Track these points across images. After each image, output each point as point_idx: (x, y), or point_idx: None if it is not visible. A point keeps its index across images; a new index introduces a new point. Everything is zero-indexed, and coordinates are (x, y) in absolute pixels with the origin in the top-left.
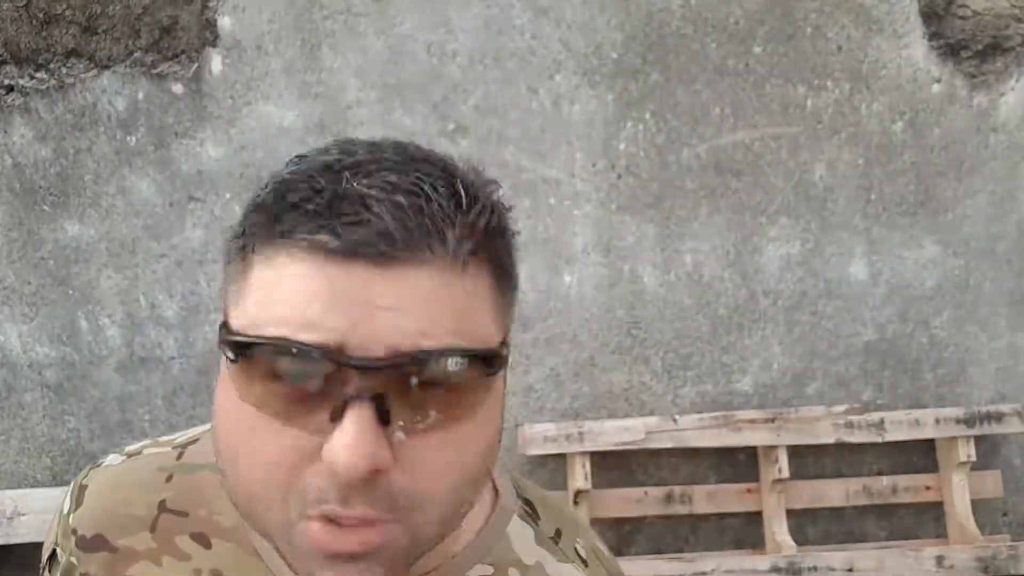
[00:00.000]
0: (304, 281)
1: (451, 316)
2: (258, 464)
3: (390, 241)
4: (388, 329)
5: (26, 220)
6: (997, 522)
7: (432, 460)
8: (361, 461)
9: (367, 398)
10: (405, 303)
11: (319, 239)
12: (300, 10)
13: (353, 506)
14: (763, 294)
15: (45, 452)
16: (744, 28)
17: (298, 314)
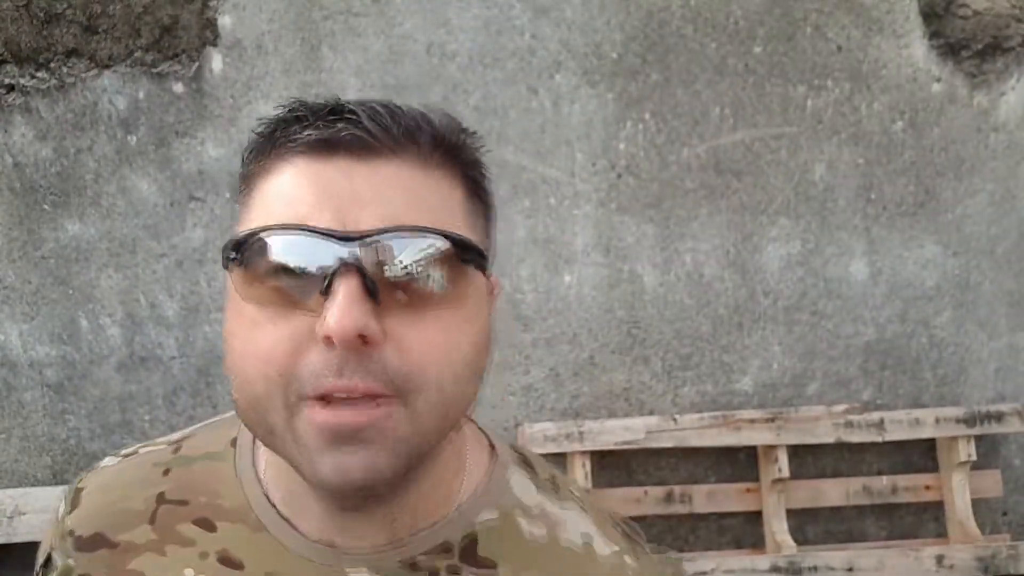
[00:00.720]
0: (295, 179)
1: (425, 206)
2: (260, 355)
3: (368, 136)
4: (369, 212)
5: (26, 219)
6: (997, 522)
7: (422, 341)
8: (350, 323)
9: (353, 269)
10: (384, 191)
11: (306, 136)
12: (300, 10)
13: (350, 377)
14: (763, 294)
15: (45, 451)
16: (744, 28)
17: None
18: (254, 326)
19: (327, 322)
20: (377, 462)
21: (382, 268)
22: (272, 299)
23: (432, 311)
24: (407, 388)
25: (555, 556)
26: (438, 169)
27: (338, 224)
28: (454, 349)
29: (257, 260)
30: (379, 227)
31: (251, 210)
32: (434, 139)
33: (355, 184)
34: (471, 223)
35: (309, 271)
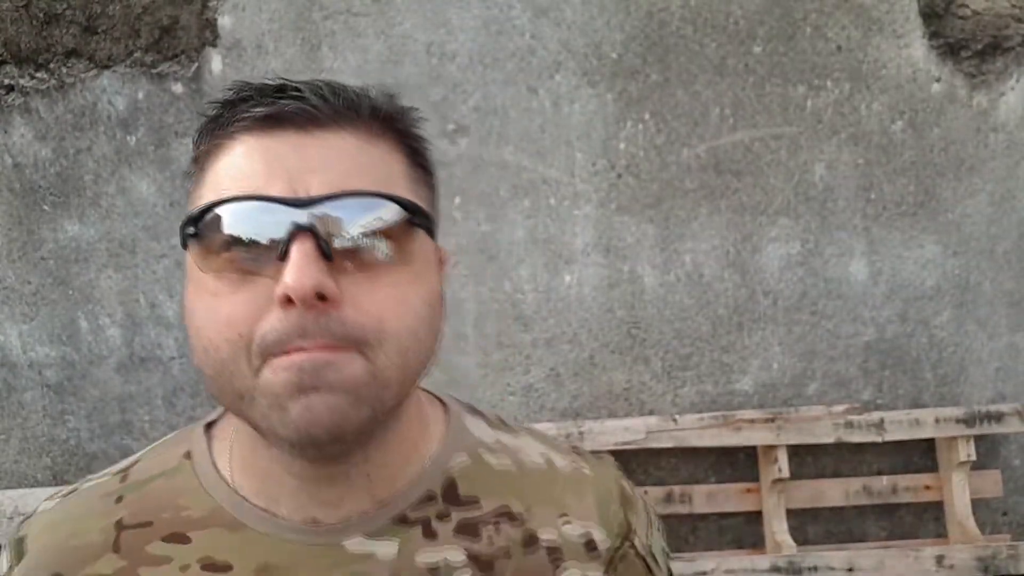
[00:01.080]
0: (246, 153)
1: (370, 173)
2: (223, 321)
3: (313, 109)
4: (318, 179)
5: (26, 220)
6: (997, 522)
7: (376, 299)
8: (308, 281)
9: (308, 232)
10: (331, 160)
11: (255, 112)
12: (300, 10)
13: (313, 337)
14: (763, 294)
15: (45, 452)
16: (744, 28)
17: (243, 181)
18: (215, 296)
19: (285, 281)
20: (342, 407)
21: (334, 231)
22: (231, 268)
23: (383, 271)
24: (366, 342)
25: (526, 478)
26: (380, 139)
27: (290, 192)
28: (407, 306)
29: (214, 232)
30: (329, 192)
31: (204, 187)
32: (373, 111)
33: (303, 155)
34: (414, 189)
35: (265, 238)
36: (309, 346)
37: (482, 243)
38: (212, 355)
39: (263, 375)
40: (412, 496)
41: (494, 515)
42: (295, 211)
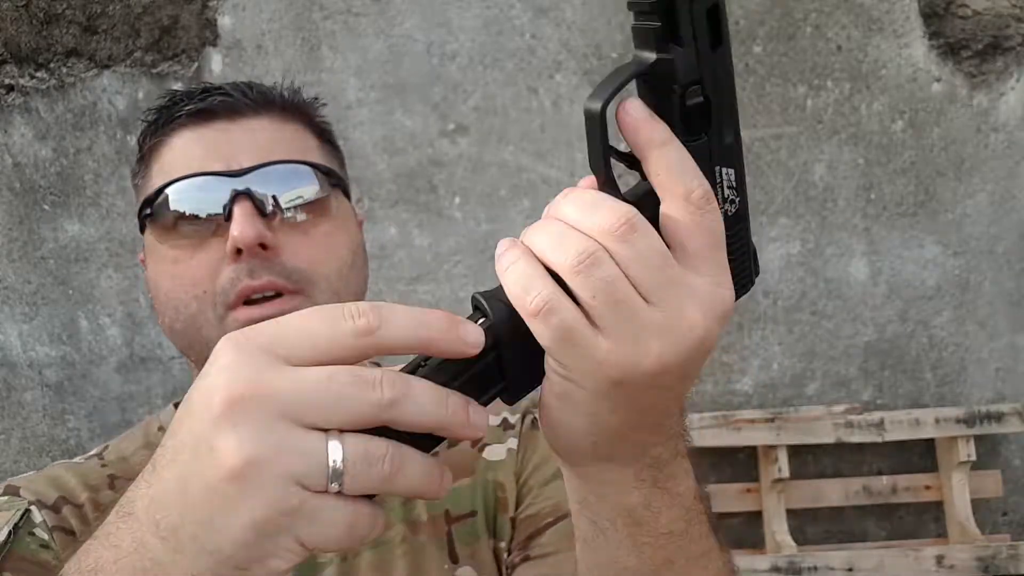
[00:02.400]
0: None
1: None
2: (187, 280)
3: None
4: (247, 155)
5: (26, 219)
6: (997, 522)
7: (308, 247)
8: (248, 231)
9: (245, 195)
10: (256, 140)
11: (188, 109)
12: (300, 10)
13: (260, 276)
14: (763, 294)
15: (45, 452)
16: (744, 28)
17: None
18: (176, 263)
19: (232, 235)
20: None
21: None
22: (186, 237)
23: (310, 225)
24: (305, 282)
25: None
26: (292, 121)
27: (226, 167)
28: (333, 251)
29: (168, 209)
30: (257, 163)
31: (152, 178)
32: (284, 100)
33: (232, 138)
34: (327, 159)
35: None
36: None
37: (482, 243)
38: (182, 311)
39: (227, 324)
40: None
41: None
42: (233, 180)
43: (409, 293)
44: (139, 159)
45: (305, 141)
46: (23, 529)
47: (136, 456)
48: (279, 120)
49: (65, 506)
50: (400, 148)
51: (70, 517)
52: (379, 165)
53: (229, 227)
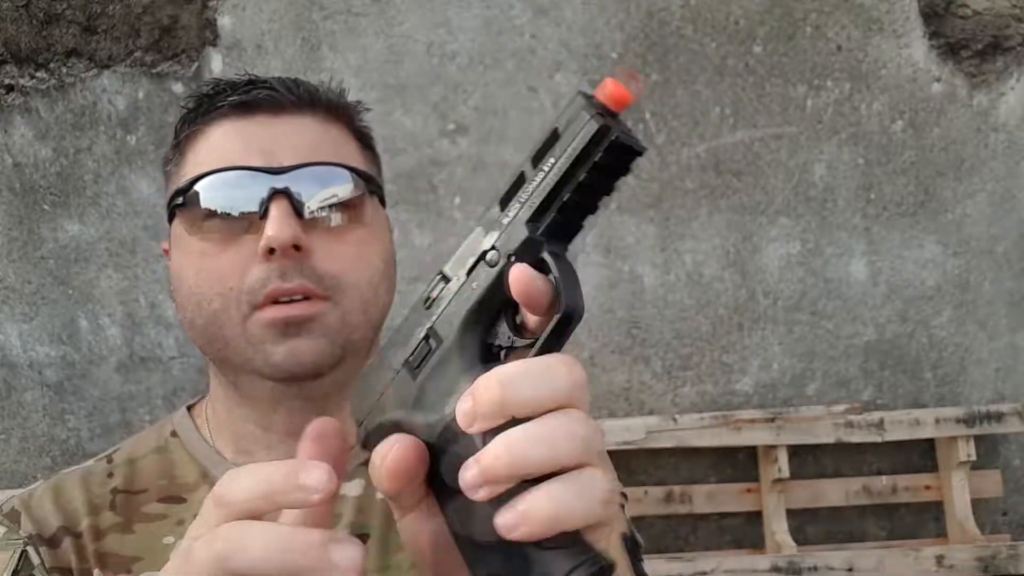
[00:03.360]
0: (224, 135)
1: (330, 148)
2: (215, 276)
3: (280, 97)
4: (288, 153)
5: (26, 219)
6: (997, 522)
7: (341, 253)
8: (285, 232)
9: (283, 194)
10: (297, 138)
11: (231, 100)
12: (300, 10)
13: (291, 279)
14: (763, 294)
15: (45, 452)
16: (744, 28)
17: (224, 157)
18: (204, 256)
19: (267, 234)
20: (321, 347)
21: (307, 195)
22: (218, 231)
23: (345, 231)
24: (334, 288)
25: None
26: (335, 124)
27: (265, 163)
28: (366, 260)
29: (202, 200)
30: (299, 162)
31: (186, 167)
32: (329, 101)
33: (274, 133)
34: (368, 166)
35: (237, 211)
36: (289, 287)
37: None
38: (205, 307)
39: (251, 323)
40: None
41: None
42: (272, 177)
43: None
44: (174, 146)
45: (347, 144)
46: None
47: (145, 461)
48: (323, 120)
49: (65, 538)
50: (400, 148)
51: (69, 552)
52: None
53: (263, 225)
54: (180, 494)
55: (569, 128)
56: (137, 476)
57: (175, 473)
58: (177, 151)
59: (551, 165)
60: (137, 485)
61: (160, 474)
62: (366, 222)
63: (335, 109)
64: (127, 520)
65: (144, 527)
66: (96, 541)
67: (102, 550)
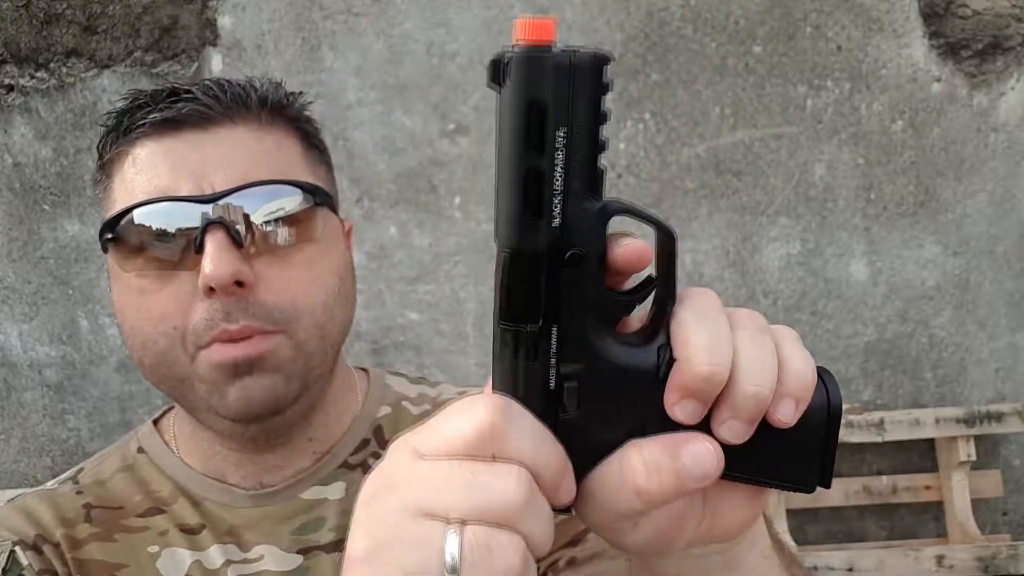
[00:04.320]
0: (149, 158)
1: (267, 161)
2: (155, 318)
3: (206, 108)
4: (221, 175)
5: (26, 219)
6: (997, 522)
7: (289, 278)
8: (223, 268)
9: (218, 225)
10: (230, 155)
11: (152, 118)
12: (300, 10)
13: (236, 320)
14: (763, 294)
15: (45, 452)
16: (744, 28)
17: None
18: (142, 293)
19: (204, 272)
20: (275, 386)
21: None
22: (152, 266)
23: (293, 251)
24: (285, 320)
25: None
26: (272, 127)
27: (196, 189)
28: (318, 281)
29: (131, 235)
30: (232, 186)
31: (114, 193)
32: (261, 102)
33: (204, 152)
34: (313, 171)
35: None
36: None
37: (482, 243)
38: (150, 348)
39: (199, 364)
40: (350, 445)
41: None
42: (204, 207)
43: (409, 293)
44: (99, 167)
45: (288, 150)
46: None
47: (113, 480)
48: (257, 128)
49: (44, 545)
50: (400, 148)
51: (52, 558)
52: (379, 165)
53: (200, 259)
54: (158, 507)
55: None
56: (109, 495)
57: (150, 488)
58: (103, 173)
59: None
60: (111, 503)
61: (133, 491)
62: (315, 237)
63: (271, 112)
64: (107, 531)
65: (126, 536)
66: (74, 550)
67: (82, 557)
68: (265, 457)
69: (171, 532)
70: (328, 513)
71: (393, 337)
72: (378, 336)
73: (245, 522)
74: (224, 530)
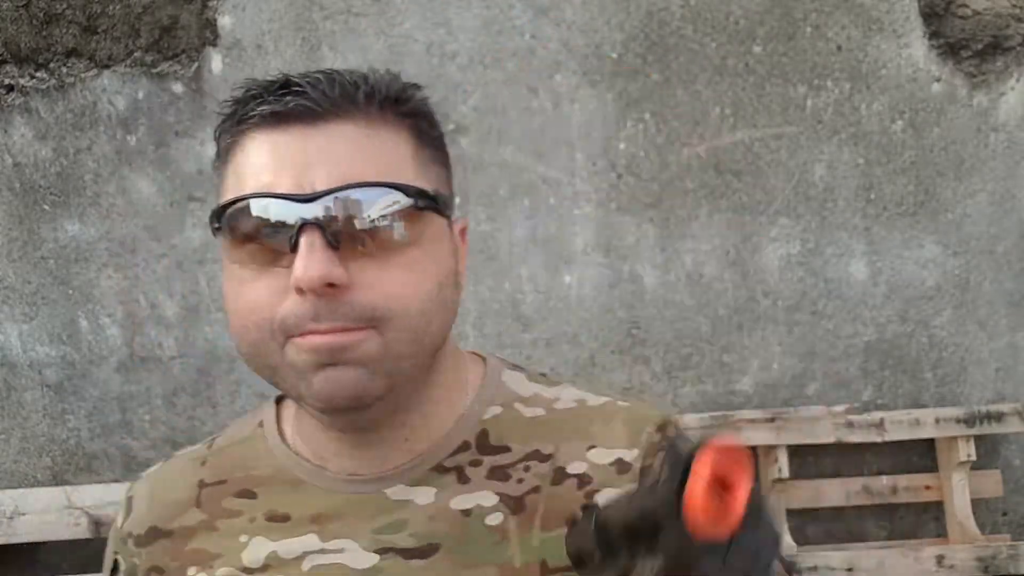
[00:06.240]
0: (257, 150)
1: (373, 161)
2: (249, 309)
3: (313, 103)
4: (323, 173)
5: (26, 219)
6: (997, 522)
7: (385, 279)
8: (314, 271)
9: (313, 224)
10: (335, 152)
11: (261, 110)
12: (300, 10)
13: (323, 320)
14: (763, 294)
15: (45, 452)
16: (744, 28)
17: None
18: (241, 283)
19: (295, 273)
20: (360, 379)
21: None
22: (253, 259)
23: (393, 253)
24: (376, 320)
25: (555, 421)
26: (383, 124)
27: (297, 187)
28: (415, 287)
29: (234, 227)
30: (333, 186)
31: (226, 180)
32: (369, 98)
33: (309, 148)
34: (423, 171)
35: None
36: (323, 328)
37: (482, 243)
38: (244, 336)
39: (287, 352)
40: (448, 447)
41: (523, 458)
42: (301, 206)
43: None
44: (216, 154)
45: (397, 149)
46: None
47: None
48: (366, 123)
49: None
50: None
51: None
52: None
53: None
54: (252, 488)
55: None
56: (220, 466)
57: (252, 465)
58: (219, 160)
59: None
60: (219, 476)
61: (239, 465)
62: (415, 241)
63: (382, 107)
64: (211, 517)
65: (226, 524)
66: (186, 539)
67: (191, 547)
68: (361, 451)
69: (259, 520)
70: (411, 517)
71: None
72: None
73: (332, 511)
74: (310, 517)
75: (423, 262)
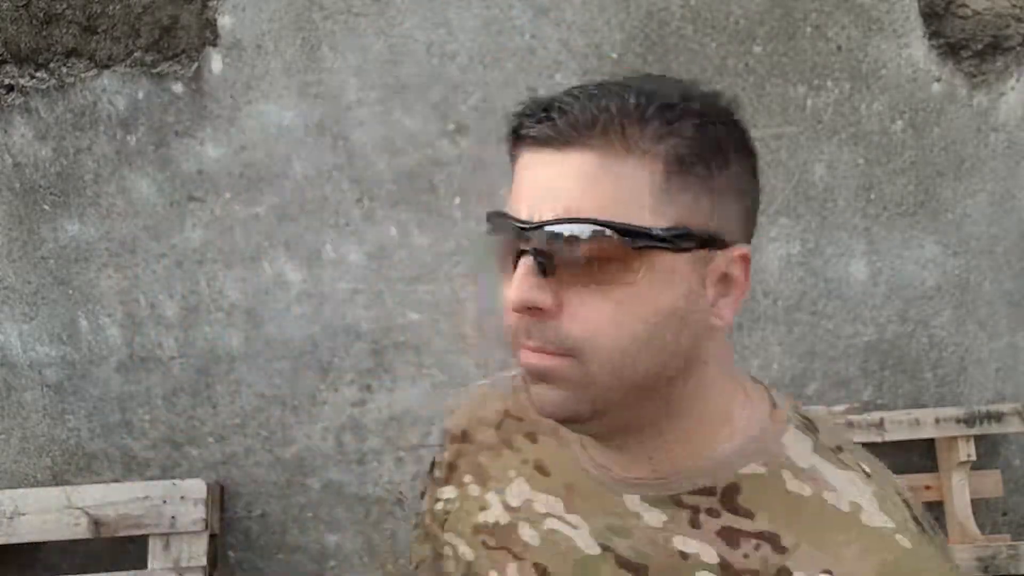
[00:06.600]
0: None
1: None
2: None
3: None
4: (549, 203)
5: (26, 219)
6: (997, 522)
7: (592, 312)
8: (519, 296)
9: (529, 252)
10: (567, 183)
11: (524, 132)
12: (300, 10)
13: (531, 338)
14: (763, 294)
15: (45, 452)
16: (744, 28)
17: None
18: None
19: (508, 292)
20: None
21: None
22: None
23: (604, 289)
24: (574, 350)
25: (814, 511)
26: (626, 155)
27: (528, 213)
28: (617, 324)
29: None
30: (553, 217)
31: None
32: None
33: (547, 176)
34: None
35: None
36: (532, 346)
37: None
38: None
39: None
40: (691, 484)
41: (760, 535)
42: (523, 232)
43: (409, 293)
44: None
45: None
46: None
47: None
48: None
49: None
50: (400, 148)
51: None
52: (379, 165)
53: None
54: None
55: None
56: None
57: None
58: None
59: None
60: (520, 412)
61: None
62: (629, 280)
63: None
64: (501, 442)
65: (509, 454)
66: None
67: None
68: (609, 452)
69: (529, 465)
70: (635, 529)
71: (393, 337)
72: (378, 336)
73: (581, 488)
74: (564, 483)
75: (632, 302)
